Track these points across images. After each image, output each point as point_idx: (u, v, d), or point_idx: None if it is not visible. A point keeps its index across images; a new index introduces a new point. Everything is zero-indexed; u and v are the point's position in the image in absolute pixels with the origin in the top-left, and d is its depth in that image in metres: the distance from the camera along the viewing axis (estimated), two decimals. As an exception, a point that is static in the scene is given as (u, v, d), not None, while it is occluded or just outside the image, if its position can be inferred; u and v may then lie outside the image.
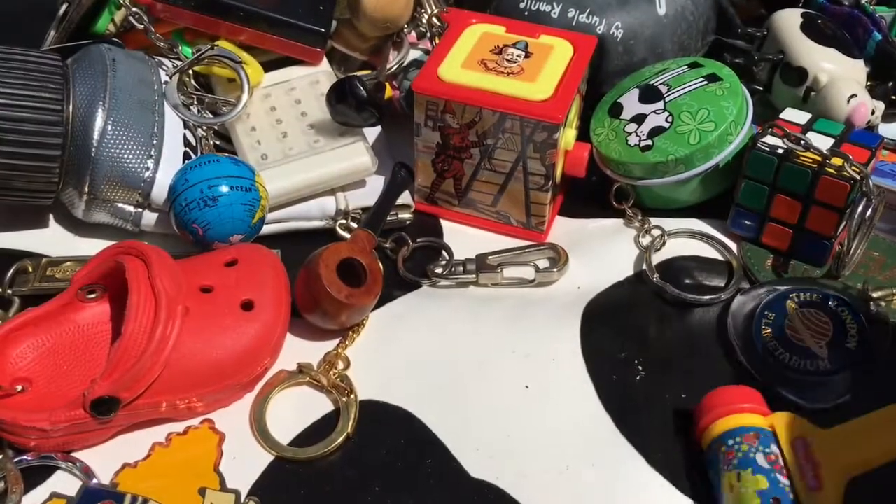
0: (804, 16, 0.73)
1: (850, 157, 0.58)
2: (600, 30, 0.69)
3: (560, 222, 0.68)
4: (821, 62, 0.69)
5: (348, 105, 0.64)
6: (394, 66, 0.70)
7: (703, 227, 0.66)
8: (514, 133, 0.61)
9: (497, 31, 0.66)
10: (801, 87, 0.70)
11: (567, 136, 0.63)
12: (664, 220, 0.66)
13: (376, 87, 0.68)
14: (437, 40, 0.70)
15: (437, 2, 0.71)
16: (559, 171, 0.64)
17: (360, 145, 0.66)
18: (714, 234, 0.66)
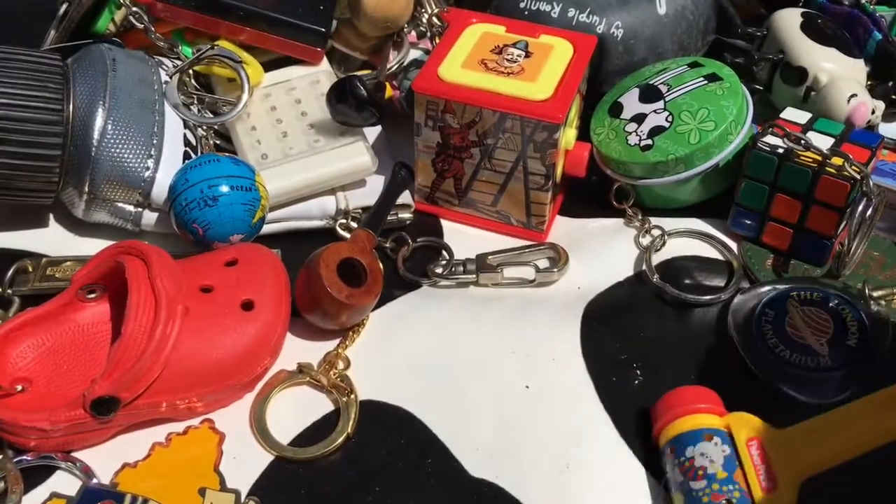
0: (804, 15, 0.73)
1: (851, 156, 0.58)
2: (600, 29, 0.69)
3: (560, 222, 0.68)
4: (821, 62, 0.69)
5: (348, 105, 0.64)
6: (394, 65, 0.70)
7: (704, 227, 0.66)
8: (515, 133, 0.61)
9: (497, 30, 0.66)
10: (802, 87, 0.70)
11: (567, 136, 0.63)
12: (664, 220, 0.66)
13: (376, 87, 0.68)
14: (437, 40, 0.70)
15: (437, 1, 0.71)
16: (559, 171, 0.64)
17: (360, 145, 0.66)
18: (714, 233, 0.65)
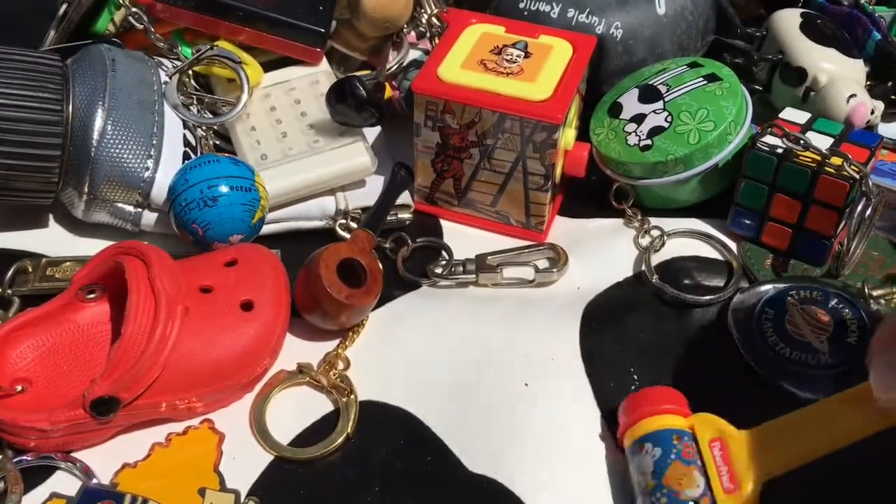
0: (803, 16, 0.73)
1: (850, 156, 0.58)
2: (600, 30, 0.69)
3: (559, 222, 0.68)
4: (820, 62, 0.69)
5: (348, 105, 0.64)
6: (393, 66, 0.70)
7: (703, 227, 0.66)
8: (514, 133, 0.61)
9: (496, 31, 0.66)
10: (801, 87, 0.70)
11: (566, 136, 0.63)
12: (664, 220, 0.66)
13: (376, 87, 0.68)
14: (436, 40, 0.70)
15: (436, 2, 0.71)
16: (559, 171, 0.64)
17: (359, 145, 0.66)
18: (714, 233, 0.65)
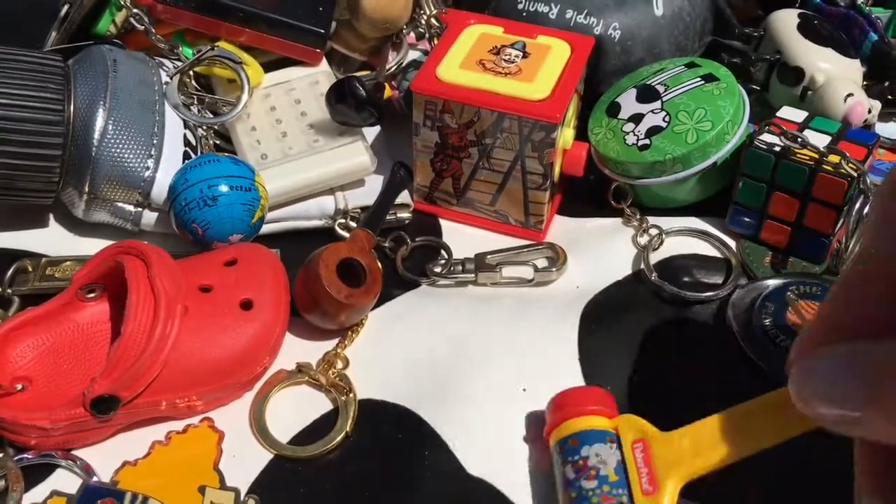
0: (801, 16, 0.73)
1: (847, 154, 0.59)
2: (598, 30, 0.69)
3: (558, 221, 0.68)
4: (817, 62, 0.69)
5: (348, 105, 0.64)
6: (393, 66, 0.70)
7: (702, 225, 0.66)
8: (513, 132, 0.61)
9: (495, 31, 0.66)
10: (798, 87, 0.70)
11: (565, 136, 0.63)
12: (663, 219, 0.66)
13: (375, 88, 0.68)
14: (435, 41, 0.71)
15: (435, 3, 0.71)
16: (557, 171, 0.65)
17: (359, 145, 0.66)
18: (712, 231, 0.66)
